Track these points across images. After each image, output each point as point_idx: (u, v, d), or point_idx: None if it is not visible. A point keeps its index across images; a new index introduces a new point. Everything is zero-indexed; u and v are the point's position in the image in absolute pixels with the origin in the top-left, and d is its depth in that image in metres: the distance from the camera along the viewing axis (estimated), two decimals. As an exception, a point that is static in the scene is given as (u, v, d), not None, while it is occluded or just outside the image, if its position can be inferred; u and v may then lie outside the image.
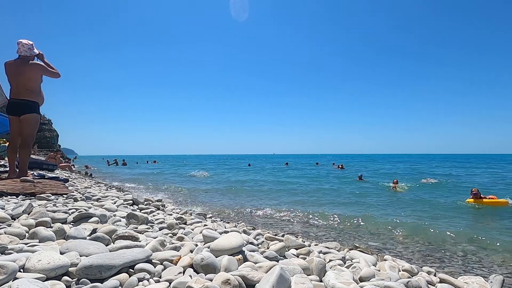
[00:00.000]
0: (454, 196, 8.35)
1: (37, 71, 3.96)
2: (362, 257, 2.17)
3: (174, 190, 9.74)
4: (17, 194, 2.98)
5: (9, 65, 3.89)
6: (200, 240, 2.01)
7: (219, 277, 1.25)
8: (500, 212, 6.02)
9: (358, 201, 7.51)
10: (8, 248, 1.38)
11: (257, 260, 1.61)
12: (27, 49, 3.91)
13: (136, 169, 24.14)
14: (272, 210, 6.00)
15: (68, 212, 2.32)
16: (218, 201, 7.27)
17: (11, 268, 1.09)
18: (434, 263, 3.02)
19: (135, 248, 1.48)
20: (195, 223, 2.83)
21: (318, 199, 7.85)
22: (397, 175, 15.32)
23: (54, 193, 3.21)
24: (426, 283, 1.74)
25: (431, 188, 10.44)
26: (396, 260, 2.42)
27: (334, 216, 5.47)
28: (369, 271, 1.75)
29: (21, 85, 3.89)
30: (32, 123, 4.00)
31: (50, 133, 28.05)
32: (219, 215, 5.16)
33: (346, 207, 6.54)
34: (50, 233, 1.65)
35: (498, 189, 9.88)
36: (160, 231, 2.28)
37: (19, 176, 3.81)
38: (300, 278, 1.35)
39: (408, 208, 6.49)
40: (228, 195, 8.56)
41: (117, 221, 2.29)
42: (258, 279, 1.29)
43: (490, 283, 1.94)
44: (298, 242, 2.37)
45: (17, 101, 3.92)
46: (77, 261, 1.26)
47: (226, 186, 11.00)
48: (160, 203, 3.95)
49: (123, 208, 3.00)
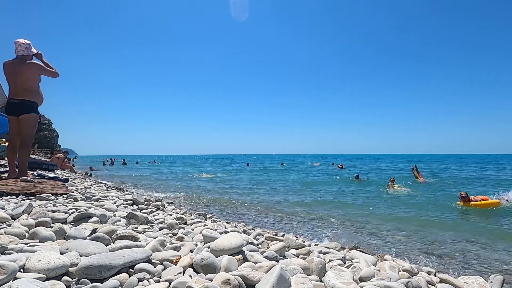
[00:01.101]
0: (454, 196, 8.35)
1: (35, 71, 3.95)
2: (362, 257, 2.17)
3: (174, 190, 9.74)
4: (17, 194, 2.98)
5: (7, 65, 3.88)
6: (200, 240, 2.01)
7: (219, 277, 1.25)
8: (499, 212, 6.02)
9: (357, 201, 7.52)
10: (8, 248, 1.38)
11: (257, 260, 1.61)
12: (24, 49, 3.90)
13: (136, 169, 24.15)
14: (272, 210, 6.00)
15: (68, 212, 2.32)
16: (218, 201, 7.27)
17: (11, 268, 1.09)
18: (434, 263, 3.02)
19: (135, 248, 1.48)
20: (195, 223, 2.83)
21: (317, 199, 7.85)
22: (395, 175, 15.31)
23: (54, 193, 3.21)
24: (426, 283, 1.74)
25: (430, 188, 10.43)
26: (396, 260, 2.42)
27: (334, 216, 5.48)
28: (369, 271, 1.75)
29: (19, 85, 3.88)
30: (30, 123, 4.00)
31: (50, 133, 28.04)
32: (219, 215, 5.16)
33: (345, 207, 6.53)
34: (50, 233, 1.65)
35: (490, 187, 9.88)
36: (160, 231, 2.28)
37: (19, 176, 3.81)
38: (300, 278, 1.35)
39: (407, 208, 6.50)
40: (228, 195, 8.56)
41: (117, 221, 2.29)
42: (258, 279, 1.29)
43: (490, 283, 1.94)
44: (298, 242, 2.36)
45: (16, 101, 3.91)
46: (77, 261, 1.26)
47: (225, 186, 11.00)
48: (160, 203, 3.95)
49: (123, 208, 3.00)
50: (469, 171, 19.79)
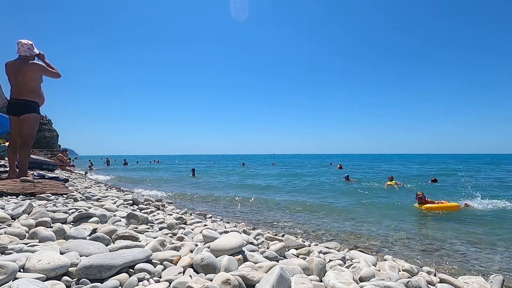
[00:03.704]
0: (453, 196, 8.35)
1: (37, 71, 3.96)
2: (362, 257, 2.17)
3: (174, 190, 9.74)
4: (17, 194, 2.98)
5: (9, 66, 3.89)
6: (200, 240, 2.01)
7: (219, 277, 1.25)
8: (498, 212, 6.02)
9: (357, 201, 7.51)
10: (8, 248, 1.38)
11: (257, 260, 1.61)
12: (26, 49, 3.91)
13: (137, 169, 24.16)
14: (272, 210, 6.01)
15: (68, 212, 2.32)
16: (218, 201, 7.27)
17: (11, 268, 1.09)
18: (434, 263, 3.02)
19: (135, 248, 1.48)
20: (195, 223, 2.84)
21: (317, 199, 7.85)
22: (393, 173, 15.30)
23: (54, 193, 3.21)
24: (426, 283, 1.74)
25: (429, 188, 10.43)
26: (396, 260, 2.43)
27: (333, 216, 5.48)
28: (369, 271, 1.75)
29: (21, 85, 3.89)
30: (32, 123, 4.00)
31: (50, 133, 28.05)
32: (219, 215, 5.16)
33: (345, 207, 6.53)
34: (50, 233, 1.65)
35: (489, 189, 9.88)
36: (160, 231, 2.28)
37: (19, 176, 3.81)
38: (300, 278, 1.35)
39: (407, 207, 6.49)
40: (227, 195, 8.56)
41: (117, 221, 2.29)
42: (258, 279, 1.29)
43: (490, 283, 1.94)
44: (298, 242, 2.37)
45: (17, 101, 3.92)
46: (77, 261, 1.26)
47: (225, 186, 11.00)
48: (160, 203, 3.95)
49: (123, 208, 3.00)
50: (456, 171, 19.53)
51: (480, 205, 6.49)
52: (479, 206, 6.44)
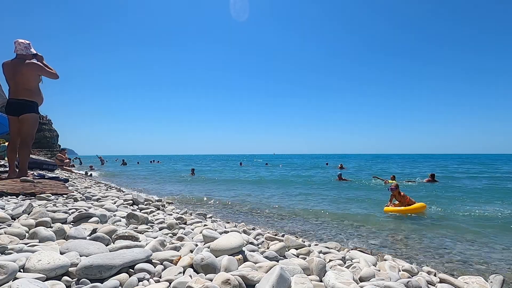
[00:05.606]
0: (453, 196, 8.35)
1: (34, 70, 3.94)
2: (362, 257, 2.17)
3: (175, 189, 9.74)
4: (17, 194, 2.98)
5: (7, 65, 3.88)
6: (200, 240, 2.01)
7: (219, 277, 1.25)
8: (498, 213, 6.02)
9: (357, 200, 7.52)
10: (8, 248, 1.38)
11: (257, 260, 1.61)
12: (23, 48, 3.90)
13: (137, 169, 24.14)
14: (272, 210, 6.00)
15: (68, 212, 2.32)
16: (217, 201, 7.27)
17: (11, 268, 1.09)
18: (434, 263, 3.02)
19: (135, 248, 1.48)
20: (195, 223, 2.83)
21: (317, 198, 7.85)
22: (394, 173, 15.32)
23: (54, 193, 3.21)
24: (426, 283, 1.74)
25: (428, 188, 10.44)
26: (396, 260, 2.43)
27: (333, 216, 5.47)
28: (369, 271, 1.75)
29: (19, 85, 3.88)
30: (31, 123, 4.00)
31: (50, 133, 28.01)
32: (219, 215, 5.16)
33: (345, 207, 6.53)
34: (50, 233, 1.65)
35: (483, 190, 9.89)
36: (160, 231, 2.28)
37: (19, 176, 3.81)
38: (300, 278, 1.35)
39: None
40: (227, 195, 8.56)
41: (117, 221, 2.29)
42: (258, 279, 1.29)
43: (490, 283, 1.94)
44: (298, 242, 2.37)
45: (16, 101, 3.91)
46: (77, 261, 1.26)
47: (225, 186, 11.00)
48: (160, 203, 3.95)
49: (123, 208, 3.00)
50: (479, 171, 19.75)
51: (480, 206, 6.49)
52: (479, 206, 6.45)
